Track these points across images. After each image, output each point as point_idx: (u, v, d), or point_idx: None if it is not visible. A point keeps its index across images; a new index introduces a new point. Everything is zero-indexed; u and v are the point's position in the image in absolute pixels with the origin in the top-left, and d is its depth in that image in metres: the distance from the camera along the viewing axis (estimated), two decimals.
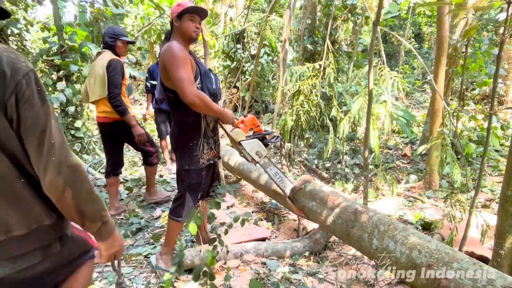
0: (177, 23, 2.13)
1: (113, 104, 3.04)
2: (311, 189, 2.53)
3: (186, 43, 2.17)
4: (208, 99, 2.04)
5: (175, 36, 2.16)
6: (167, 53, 2.02)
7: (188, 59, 2.04)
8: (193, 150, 2.22)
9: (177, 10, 2.12)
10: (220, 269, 2.41)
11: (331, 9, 5.06)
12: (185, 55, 2.02)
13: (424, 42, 13.96)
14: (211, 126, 2.27)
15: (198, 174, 2.27)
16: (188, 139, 2.21)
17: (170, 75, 2.00)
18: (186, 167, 2.24)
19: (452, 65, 4.74)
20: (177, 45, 2.04)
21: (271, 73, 7.88)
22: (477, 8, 1.63)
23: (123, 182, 4.42)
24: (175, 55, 1.99)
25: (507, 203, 2.04)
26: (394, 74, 2.78)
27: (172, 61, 1.99)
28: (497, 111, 6.57)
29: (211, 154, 2.32)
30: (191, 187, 2.28)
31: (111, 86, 3.03)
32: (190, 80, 1.99)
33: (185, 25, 2.11)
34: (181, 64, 1.98)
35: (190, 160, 2.22)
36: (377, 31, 2.46)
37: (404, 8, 10.68)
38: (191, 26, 2.12)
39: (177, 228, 2.36)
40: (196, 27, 2.14)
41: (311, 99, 4.16)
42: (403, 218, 3.39)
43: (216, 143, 2.36)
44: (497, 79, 1.84)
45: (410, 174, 4.66)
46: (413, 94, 10.33)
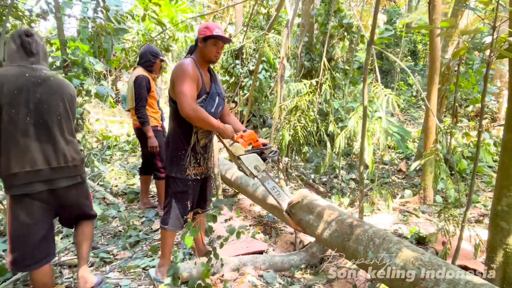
0: (201, 44, 2.25)
1: (137, 115, 3.48)
2: (307, 203, 2.57)
3: (204, 63, 2.31)
4: (205, 115, 2.14)
5: (197, 54, 2.30)
6: (178, 66, 2.19)
7: (196, 77, 2.18)
8: (180, 160, 2.31)
9: (203, 33, 2.23)
10: (218, 281, 2.44)
11: (327, 28, 5.21)
12: (194, 72, 2.17)
13: (419, 59, 14.24)
14: (201, 143, 2.34)
15: (184, 184, 2.34)
16: (177, 148, 2.32)
17: (175, 87, 2.16)
18: (172, 174, 2.33)
19: (445, 83, 4.87)
20: (190, 62, 2.19)
21: (269, 89, 8.01)
22: (464, 32, 1.73)
23: (121, 194, 4.46)
24: (184, 70, 2.15)
25: (497, 217, 2.10)
26: (388, 91, 2.87)
27: (179, 75, 2.14)
28: (489, 128, 6.70)
29: (198, 170, 2.38)
30: (176, 195, 2.36)
31: (137, 99, 3.46)
32: (191, 96, 2.11)
33: (208, 49, 2.25)
34: (187, 80, 2.12)
35: (177, 168, 2.32)
36: (371, 50, 2.57)
37: (400, 26, 10.95)
38: (213, 50, 2.26)
39: (167, 236, 2.41)
40: (218, 52, 2.28)
41: (308, 115, 4.25)
42: (398, 232, 3.43)
43: (205, 160, 2.42)
44: (485, 97, 1.93)
45: (405, 189, 4.72)
46: (409, 111, 10.49)
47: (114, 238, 3.22)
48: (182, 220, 2.39)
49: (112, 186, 4.56)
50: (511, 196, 2.01)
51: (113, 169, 5.03)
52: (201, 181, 2.47)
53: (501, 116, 7.57)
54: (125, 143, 6.65)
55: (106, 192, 4.25)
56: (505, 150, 2.05)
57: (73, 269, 2.66)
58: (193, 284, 2.01)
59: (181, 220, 2.38)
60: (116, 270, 2.63)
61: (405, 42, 11.17)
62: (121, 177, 4.90)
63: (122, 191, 4.51)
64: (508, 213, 2.03)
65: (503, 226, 2.06)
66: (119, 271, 2.63)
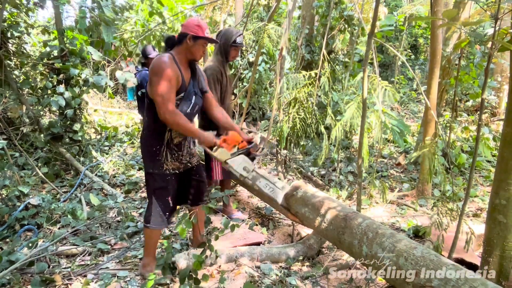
0: (190, 42, 2.17)
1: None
2: (302, 195, 2.56)
3: (186, 60, 2.25)
4: (183, 121, 2.11)
5: (180, 50, 2.21)
6: (157, 64, 2.11)
7: (175, 75, 2.11)
8: (156, 155, 2.26)
9: (195, 31, 2.16)
10: (215, 272, 2.44)
11: (328, 20, 5.16)
12: (173, 72, 2.10)
13: (420, 53, 14.16)
14: (175, 141, 2.30)
15: (162, 179, 2.29)
16: (151, 144, 2.27)
17: (152, 85, 2.10)
18: (150, 171, 2.29)
19: (445, 76, 4.85)
20: (168, 60, 2.11)
21: (269, 81, 7.96)
22: (466, 23, 1.71)
23: (120, 185, 4.45)
24: (162, 69, 2.08)
25: (495, 211, 2.10)
26: (385, 83, 2.85)
27: (158, 73, 2.08)
28: (489, 122, 6.69)
29: (176, 165, 2.34)
30: (155, 192, 2.31)
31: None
32: (168, 98, 2.07)
33: (196, 48, 2.21)
34: (165, 80, 2.06)
35: (153, 164, 2.27)
36: (372, 42, 2.54)
37: (401, 20, 10.87)
38: (201, 51, 2.22)
39: (151, 235, 2.37)
40: (203, 52, 2.26)
41: (307, 107, 4.23)
42: (395, 225, 3.44)
43: (181, 157, 2.37)
44: (485, 91, 1.91)
45: (403, 183, 4.73)
46: (409, 105, 10.47)
47: (112, 228, 3.22)
48: (165, 217, 2.35)
49: (110, 177, 4.56)
50: (509, 190, 2.00)
51: (111, 160, 5.02)
52: (182, 175, 2.43)
53: (501, 111, 7.55)
54: (123, 134, 6.63)
55: (104, 183, 4.25)
56: (505, 143, 2.04)
57: (70, 258, 2.67)
58: (184, 275, 2.00)
59: (163, 217, 2.33)
60: (114, 261, 2.63)
61: (405, 36, 11.10)
62: (120, 168, 4.89)
63: (120, 182, 4.51)
64: (506, 206, 2.03)
65: (500, 220, 2.06)
66: (116, 261, 2.63)
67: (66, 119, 4.49)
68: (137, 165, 5.04)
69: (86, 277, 2.39)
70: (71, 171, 4.47)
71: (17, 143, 4.31)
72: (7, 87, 4.26)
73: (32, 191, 3.63)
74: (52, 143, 4.49)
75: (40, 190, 3.92)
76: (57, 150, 4.49)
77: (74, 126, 4.54)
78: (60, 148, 4.50)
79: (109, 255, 2.74)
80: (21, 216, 3.05)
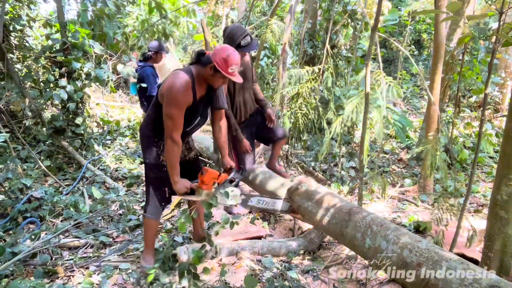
0: (210, 71, 2.10)
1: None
2: (306, 189, 2.57)
3: (203, 83, 2.19)
4: (176, 154, 2.13)
5: (202, 71, 2.14)
6: (172, 86, 2.06)
7: (186, 103, 2.10)
8: (153, 146, 2.30)
9: (219, 64, 2.06)
10: (216, 265, 2.46)
11: (331, 14, 5.13)
12: (186, 98, 2.09)
13: (423, 48, 14.05)
14: None
15: (159, 169, 2.32)
16: (149, 135, 2.30)
17: (165, 102, 2.09)
18: (147, 161, 2.33)
19: (449, 72, 4.82)
20: (185, 84, 2.06)
21: (271, 76, 7.93)
22: (470, 17, 1.69)
23: (122, 179, 4.47)
24: (177, 95, 2.05)
25: (496, 206, 2.10)
26: (389, 79, 2.84)
27: (172, 96, 2.05)
28: (492, 118, 6.65)
29: None
30: (153, 182, 2.36)
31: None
32: (176, 124, 2.09)
33: (216, 79, 2.15)
34: (177, 106, 2.07)
35: (150, 154, 2.31)
36: (375, 37, 2.53)
37: (404, 14, 10.79)
38: (220, 82, 2.18)
39: (149, 225, 2.40)
40: (224, 83, 2.23)
41: (309, 102, 4.22)
42: (396, 220, 3.44)
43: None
44: (488, 86, 1.90)
45: (405, 178, 4.72)
46: (411, 100, 10.42)
47: (114, 221, 3.24)
48: (161, 208, 2.40)
49: (112, 170, 4.57)
50: (511, 186, 2.00)
51: (113, 154, 5.03)
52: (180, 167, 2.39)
53: (504, 107, 7.49)
54: (125, 128, 6.64)
55: (106, 176, 4.26)
56: (507, 139, 2.03)
57: (73, 250, 2.69)
58: (183, 269, 2.01)
59: (159, 208, 2.39)
60: (116, 254, 2.65)
61: (409, 31, 11.00)
62: (122, 161, 4.90)
63: (122, 175, 4.52)
64: (508, 202, 2.03)
65: (502, 215, 2.06)
66: (118, 254, 2.65)
67: (69, 113, 4.50)
68: (139, 159, 5.05)
69: (88, 269, 2.41)
70: (74, 164, 4.49)
71: (20, 136, 4.32)
72: (10, 80, 4.26)
73: (34, 184, 3.65)
74: (54, 137, 4.50)
75: (43, 183, 3.94)
76: (60, 144, 4.51)
77: (76, 120, 4.55)
78: (63, 142, 4.51)
79: (111, 248, 2.76)
80: (24, 209, 3.07)
